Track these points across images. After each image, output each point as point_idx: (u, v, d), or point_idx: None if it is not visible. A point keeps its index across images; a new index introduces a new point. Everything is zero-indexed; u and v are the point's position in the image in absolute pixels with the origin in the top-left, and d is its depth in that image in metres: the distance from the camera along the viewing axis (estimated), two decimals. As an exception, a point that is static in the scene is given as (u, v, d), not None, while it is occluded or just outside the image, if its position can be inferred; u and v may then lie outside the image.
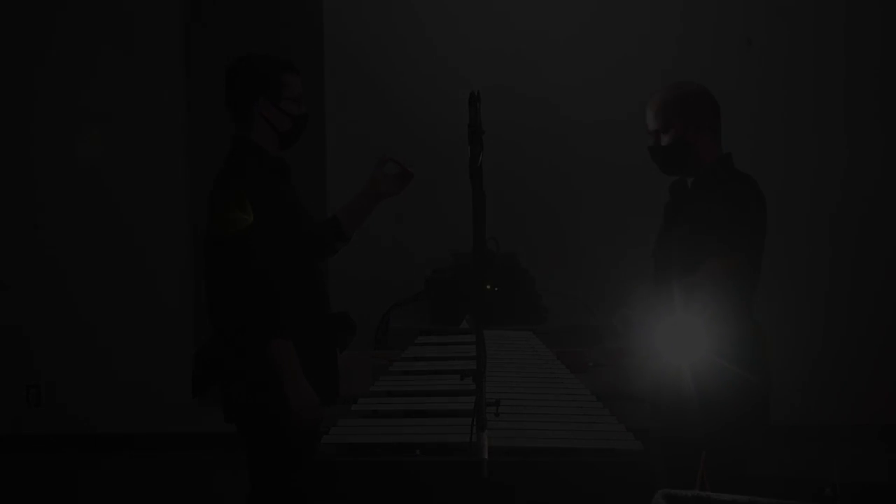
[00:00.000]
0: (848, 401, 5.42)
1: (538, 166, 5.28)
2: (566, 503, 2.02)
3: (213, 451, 5.31)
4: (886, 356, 5.40)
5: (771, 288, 3.04)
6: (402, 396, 2.64)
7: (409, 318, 4.79)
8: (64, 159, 5.32)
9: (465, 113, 2.03)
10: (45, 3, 5.24)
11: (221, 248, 2.98)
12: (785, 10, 5.25)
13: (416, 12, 5.25)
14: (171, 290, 5.38)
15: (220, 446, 5.28)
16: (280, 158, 3.19)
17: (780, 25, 5.26)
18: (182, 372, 3.32)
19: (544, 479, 2.01)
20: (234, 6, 5.16)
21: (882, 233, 5.35)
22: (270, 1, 5.05)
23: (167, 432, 5.40)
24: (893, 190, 5.35)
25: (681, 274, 2.94)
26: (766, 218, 2.94)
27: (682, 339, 2.87)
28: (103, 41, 5.25)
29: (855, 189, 5.33)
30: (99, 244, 5.36)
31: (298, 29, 5.15)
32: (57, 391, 5.43)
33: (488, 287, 4.32)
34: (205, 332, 3.39)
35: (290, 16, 5.16)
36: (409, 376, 2.85)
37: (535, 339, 3.36)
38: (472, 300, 2.11)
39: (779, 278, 5.53)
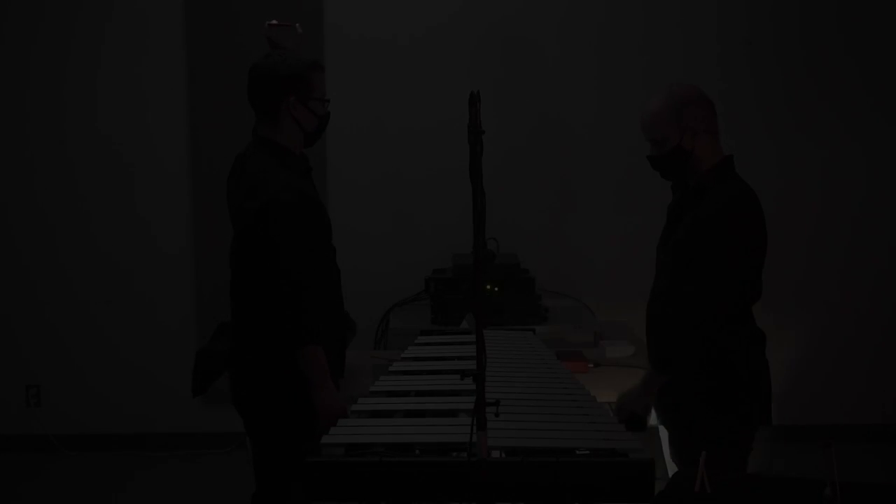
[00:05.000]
0: (848, 401, 5.42)
1: (538, 166, 5.28)
2: (566, 503, 2.02)
3: (215, 451, 5.32)
4: (886, 356, 5.41)
5: (771, 288, 3.04)
6: (402, 396, 2.63)
7: (409, 318, 4.78)
8: (63, 158, 5.31)
9: (465, 113, 2.03)
10: (46, 3, 5.24)
11: (263, 253, 2.92)
12: (785, 10, 5.25)
13: (415, 12, 5.25)
14: (172, 291, 5.37)
15: (222, 446, 5.30)
16: (304, 159, 3.15)
17: (779, 26, 5.26)
18: (183, 372, 3.31)
19: (544, 479, 2.01)
20: (234, 6, 5.16)
21: (882, 232, 5.35)
22: (270, 1, 5.04)
23: (168, 432, 5.40)
24: (894, 189, 5.34)
25: (676, 276, 2.94)
26: (762, 232, 2.91)
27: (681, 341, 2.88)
28: (104, 40, 5.25)
29: (855, 189, 5.33)
30: (99, 244, 5.35)
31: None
32: (57, 391, 5.42)
33: (488, 287, 4.32)
34: (207, 332, 3.39)
35: (290, 16, 5.15)
36: (409, 376, 2.84)
37: (535, 339, 3.36)
38: (472, 300, 2.10)
39: (779, 278, 5.55)
